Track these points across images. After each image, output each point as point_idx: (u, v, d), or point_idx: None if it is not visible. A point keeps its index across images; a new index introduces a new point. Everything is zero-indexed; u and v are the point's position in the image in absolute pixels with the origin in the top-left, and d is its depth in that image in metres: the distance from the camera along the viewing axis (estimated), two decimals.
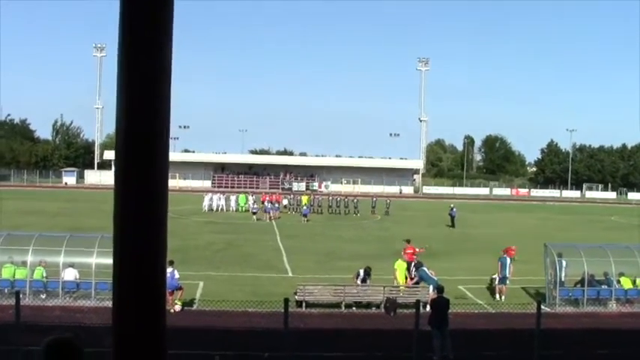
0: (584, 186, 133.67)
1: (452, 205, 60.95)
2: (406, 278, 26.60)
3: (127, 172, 2.75)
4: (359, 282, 26.16)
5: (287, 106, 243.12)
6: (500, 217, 70.93)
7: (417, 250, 30.57)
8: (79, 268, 24.90)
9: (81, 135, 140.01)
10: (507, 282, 27.78)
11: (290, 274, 31.61)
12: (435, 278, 25.48)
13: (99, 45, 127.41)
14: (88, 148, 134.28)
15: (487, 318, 23.12)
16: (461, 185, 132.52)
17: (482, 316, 23.60)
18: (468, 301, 25.92)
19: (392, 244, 41.72)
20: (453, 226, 57.54)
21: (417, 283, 26.20)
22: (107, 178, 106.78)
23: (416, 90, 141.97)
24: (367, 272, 26.55)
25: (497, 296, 27.34)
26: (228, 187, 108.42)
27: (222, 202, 67.79)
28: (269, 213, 59.60)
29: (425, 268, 26.31)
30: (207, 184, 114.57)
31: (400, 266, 26.88)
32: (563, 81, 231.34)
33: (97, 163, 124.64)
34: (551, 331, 18.51)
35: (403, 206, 79.19)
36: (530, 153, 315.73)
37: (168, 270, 22.92)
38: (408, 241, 31.35)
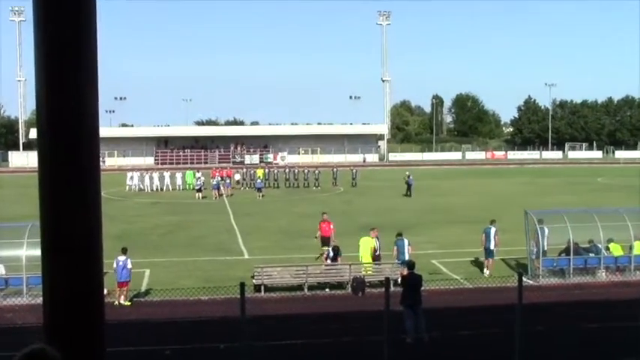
0: (566, 146, 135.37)
1: (408, 173, 62.39)
2: (373, 256, 26.74)
3: (52, 151, 2.73)
4: (328, 262, 26.40)
5: (234, 71, 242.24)
6: (475, 184, 71.66)
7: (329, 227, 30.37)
8: (7, 262, 24.56)
9: (1, 112, 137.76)
10: (494, 255, 28.05)
11: (246, 256, 31.69)
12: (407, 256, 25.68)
13: (16, 8, 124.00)
14: (11, 126, 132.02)
15: (464, 294, 23.39)
16: (430, 150, 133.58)
17: (459, 292, 23.91)
18: (443, 276, 26.25)
19: (356, 218, 42.22)
20: (409, 195, 58.65)
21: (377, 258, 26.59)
22: (35, 160, 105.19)
23: (377, 47, 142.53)
24: (336, 251, 26.81)
25: (486, 271, 27.63)
26: (173, 163, 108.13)
27: (156, 180, 67.05)
28: (218, 190, 59.67)
29: (405, 240, 26.46)
30: (150, 160, 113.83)
31: (365, 242, 26.99)
32: (539, 30, 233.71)
33: (23, 144, 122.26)
34: (534, 305, 18.77)
35: (368, 176, 79.52)
36: (506, 112, 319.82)
37: (121, 259, 23.34)
38: (324, 215, 31.04)
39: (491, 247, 27.88)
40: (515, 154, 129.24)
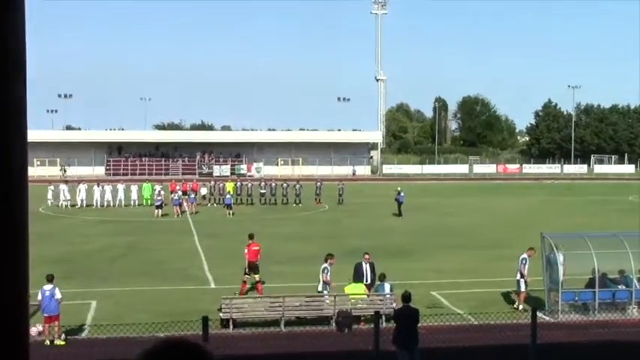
0: (592, 158, 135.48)
1: (399, 189, 62.11)
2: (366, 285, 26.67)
3: None
4: (328, 277, 26.44)
5: (202, 67, 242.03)
6: (484, 202, 71.94)
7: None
8: None
9: None
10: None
11: (212, 285, 31.74)
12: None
13: None
14: None
15: (469, 332, 23.40)
16: (432, 162, 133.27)
17: (463, 329, 23.92)
18: (444, 310, 26.21)
19: (344, 241, 42.23)
20: (399, 214, 58.80)
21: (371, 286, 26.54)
22: None
23: (370, 41, 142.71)
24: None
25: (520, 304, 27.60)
26: (127, 173, 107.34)
27: (108, 194, 66.36)
28: (179, 206, 59.63)
29: (387, 285, 26.17)
30: (100, 170, 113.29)
31: (353, 290, 26.72)
32: (560, 25, 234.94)
33: None
34: (551, 346, 18.86)
35: (357, 191, 79.80)
36: (521, 118, 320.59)
37: (47, 288, 22.79)
38: (252, 237, 31.07)
39: (518, 276, 28.10)
40: (531, 168, 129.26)
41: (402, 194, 60.30)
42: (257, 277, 28.96)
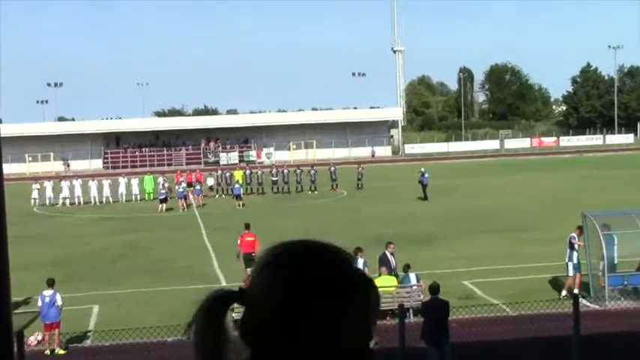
0: (638, 126, 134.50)
1: (422, 170, 61.62)
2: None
3: None
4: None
5: (203, 46, 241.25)
6: (517, 180, 71.81)
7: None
8: None
9: None
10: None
11: (223, 283, 31.54)
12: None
13: None
14: None
15: (506, 324, 23.36)
16: (459, 139, 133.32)
17: (499, 321, 23.89)
18: (477, 301, 26.22)
19: (366, 229, 42.18)
20: (424, 197, 58.88)
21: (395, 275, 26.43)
22: None
23: (385, 9, 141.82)
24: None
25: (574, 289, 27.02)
26: (127, 166, 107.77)
27: (106, 189, 66.39)
28: (184, 199, 59.75)
29: (412, 276, 26.02)
30: (97, 164, 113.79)
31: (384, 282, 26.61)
32: None
33: None
34: (597, 337, 18.73)
35: (377, 175, 79.76)
36: (557, 86, 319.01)
37: (47, 293, 22.92)
38: (247, 227, 31.51)
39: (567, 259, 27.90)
40: (570, 140, 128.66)
41: (426, 175, 60.15)
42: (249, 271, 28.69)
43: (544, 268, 29.81)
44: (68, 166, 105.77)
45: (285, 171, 71.22)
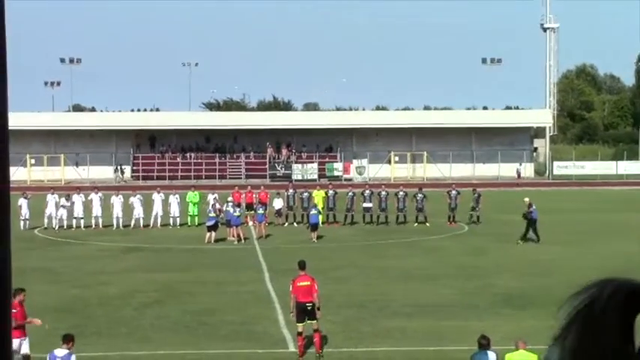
0: None
1: (527, 200, 52.76)
2: None
3: None
4: None
5: (272, 17, 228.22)
6: None
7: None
8: None
9: None
10: None
11: (291, 348, 27.73)
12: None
13: None
14: None
15: None
16: (634, 157, 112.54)
17: None
18: None
19: (489, 283, 37.31)
20: (533, 237, 50.14)
21: None
22: None
23: None
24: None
25: None
26: (165, 178, 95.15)
27: (138, 208, 58.33)
28: (237, 226, 51.95)
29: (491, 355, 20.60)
30: (125, 172, 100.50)
31: None
32: None
33: None
34: None
35: (509, 202, 69.07)
36: None
37: (60, 354, 20.87)
38: (302, 266, 27.98)
39: None
40: None
41: (533, 208, 51.32)
42: (314, 323, 25.87)
43: None
44: (122, 173, 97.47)
45: (383, 193, 61.63)
